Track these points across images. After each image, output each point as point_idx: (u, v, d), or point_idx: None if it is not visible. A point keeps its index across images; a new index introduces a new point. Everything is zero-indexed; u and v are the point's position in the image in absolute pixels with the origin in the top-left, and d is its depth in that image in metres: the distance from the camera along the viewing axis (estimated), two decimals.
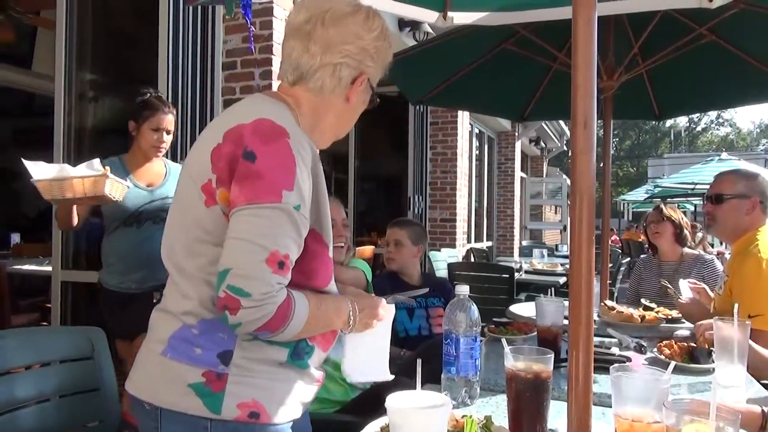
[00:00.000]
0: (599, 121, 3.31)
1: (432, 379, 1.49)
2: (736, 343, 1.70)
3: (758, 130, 63.02)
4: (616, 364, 1.10)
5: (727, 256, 4.36)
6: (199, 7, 3.58)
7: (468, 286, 1.48)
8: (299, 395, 1.23)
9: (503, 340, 1.29)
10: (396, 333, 2.73)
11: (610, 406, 1.14)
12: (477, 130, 9.23)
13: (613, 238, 16.83)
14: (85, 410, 1.57)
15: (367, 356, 1.38)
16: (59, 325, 3.41)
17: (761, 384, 1.27)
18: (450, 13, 2.49)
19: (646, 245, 3.76)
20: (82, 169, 2.36)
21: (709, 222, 2.55)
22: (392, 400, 0.96)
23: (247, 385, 1.15)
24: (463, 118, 7.14)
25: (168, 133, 2.70)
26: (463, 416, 1.13)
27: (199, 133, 3.63)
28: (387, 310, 1.36)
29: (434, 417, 0.94)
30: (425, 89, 3.76)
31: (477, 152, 9.52)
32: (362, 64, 1.28)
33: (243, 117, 1.16)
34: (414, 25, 5.54)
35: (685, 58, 3.02)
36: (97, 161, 2.41)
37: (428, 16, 2.50)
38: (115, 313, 2.69)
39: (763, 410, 1.25)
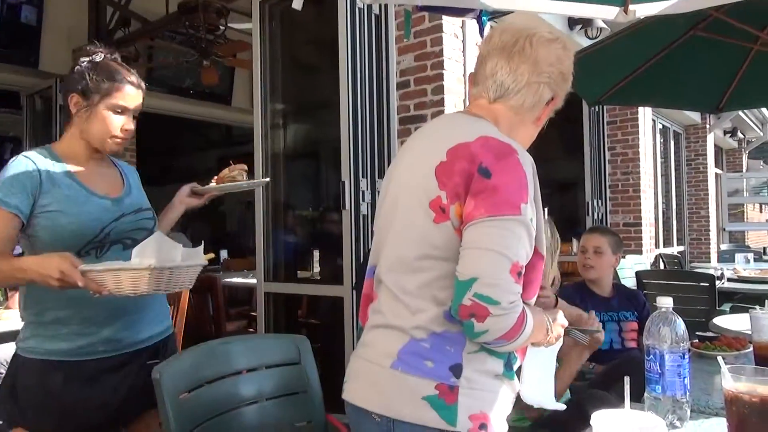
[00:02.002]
0: None
1: (632, 397, 1.41)
2: None
3: None
4: None
5: None
6: (374, 29, 3.79)
7: (671, 298, 1.38)
8: (509, 406, 1.28)
9: (719, 359, 1.18)
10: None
11: None
12: (660, 126, 8.49)
13: None
14: (294, 411, 1.72)
15: (543, 375, 1.37)
16: (266, 333, 3.79)
17: None
18: (632, 6, 2.32)
19: None
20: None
21: None
22: (599, 419, 0.92)
23: (475, 397, 1.20)
24: (645, 114, 6.62)
25: (136, 118, 1.77)
26: None
27: (379, 150, 3.79)
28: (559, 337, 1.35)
29: None
30: (603, 88, 3.57)
31: (662, 149, 8.73)
32: (558, 87, 1.35)
33: (462, 136, 1.24)
34: (585, 22, 5.28)
35: None
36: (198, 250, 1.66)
37: (608, 13, 2.37)
38: (70, 399, 1.60)
39: None
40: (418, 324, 1.22)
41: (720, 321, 2.66)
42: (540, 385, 1.42)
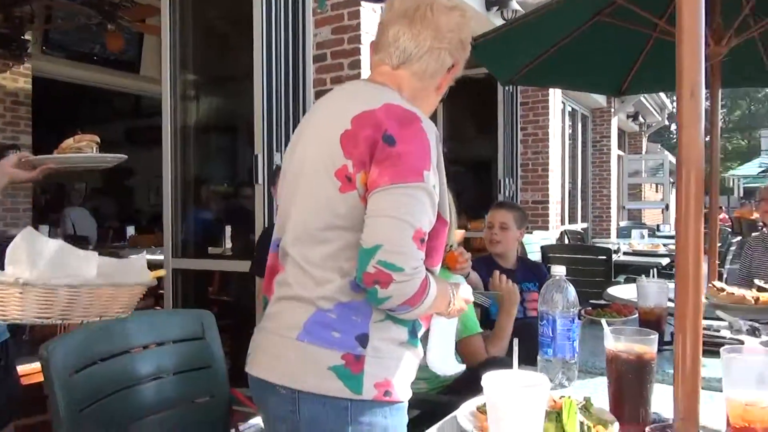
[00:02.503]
0: (706, 91, 3.10)
1: (526, 361, 1.48)
2: None
3: None
4: (727, 346, 1.04)
5: None
6: (290, 2, 3.69)
7: (564, 267, 1.45)
8: (413, 373, 1.30)
9: (603, 321, 1.26)
10: (488, 316, 2.71)
11: (719, 391, 1.09)
12: (570, 108, 8.89)
13: (722, 216, 15.68)
14: (197, 386, 1.69)
15: (445, 343, 1.42)
16: (173, 309, 3.67)
17: None
18: None
19: (760, 224, 3.48)
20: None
21: None
22: (489, 380, 0.96)
23: (381, 365, 1.22)
24: (555, 96, 6.90)
25: None
26: (561, 397, 1.12)
27: (294, 124, 3.76)
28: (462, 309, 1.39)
29: (532, 397, 0.93)
30: (515, 69, 3.66)
31: (570, 131, 9.16)
32: (458, 54, 1.37)
33: (367, 103, 1.23)
34: (502, 3, 5.40)
35: None
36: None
37: None
38: None
39: None
40: (324, 294, 1.22)
41: (613, 290, 2.85)
42: (442, 352, 1.46)
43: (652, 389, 1.17)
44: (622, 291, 2.84)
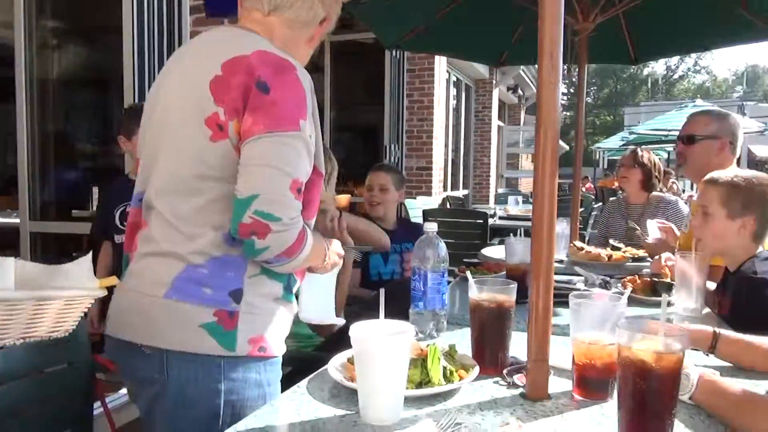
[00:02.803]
0: (574, 66, 3.30)
1: (401, 317, 1.53)
2: (695, 275, 1.77)
3: (734, 78, 63.43)
4: (575, 293, 1.13)
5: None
6: None
7: (436, 224, 1.50)
8: (287, 328, 1.30)
9: (468, 273, 1.32)
10: (370, 277, 2.77)
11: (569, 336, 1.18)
12: (454, 78, 9.14)
13: (587, 185, 17.02)
14: (52, 354, 1.56)
15: (322, 297, 1.43)
16: None
17: None
18: None
19: (620, 192, 3.79)
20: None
21: (680, 162, 2.59)
22: (356, 329, 0.98)
23: (255, 321, 1.19)
24: (440, 65, 7.05)
25: None
26: (428, 345, 1.16)
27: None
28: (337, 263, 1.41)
29: (396, 344, 0.96)
30: (400, 33, 3.68)
31: (454, 100, 9.44)
32: (330, 8, 1.34)
33: (238, 49, 1.17)
34: None
35: None
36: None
37: None
38: None
39: (714, 331, 1.31)
40: (196, 249, 1.17)
41: (486, 251, 3.01)
42: (320, 305, 1.48)
43: (511, 335, 1.25)
44: (494, 251, 3.00)
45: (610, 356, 1.04)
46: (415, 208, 5.46)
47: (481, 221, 4.42)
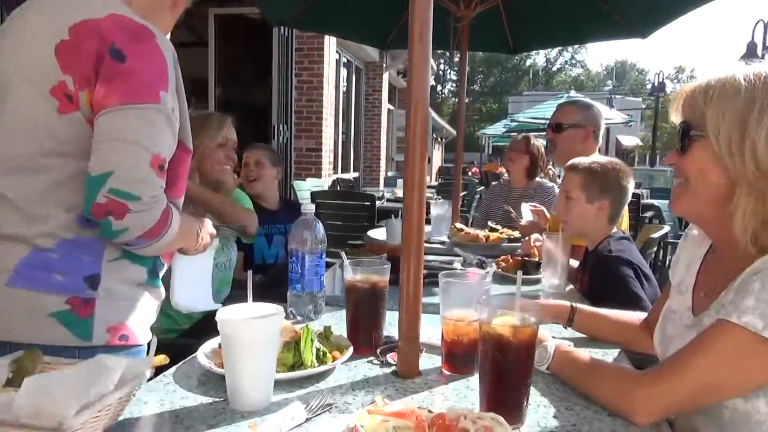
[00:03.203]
0: (456, 52, 3.40)
1: (284, 300, 1.50)
2: (560, 255, 1.90)
3: (605, 72, 68.78)
4: (444, 272, 1.17)
5: None
6: None
7: (313, 205, 1.48)
8: (153, 315, 1.23)
9: (342, 253, 1.32)
10: (253, 260, 2.70)
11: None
12: (345, 59, 9.10)
13: (473, 169, 17.76)
14: None
15: (196, 282, 1.37)
16: None
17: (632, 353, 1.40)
18: None
19: (503, 176, 3.95)
20: None
21: (550, 149, 2.77)
22: (222, 313, 0.94)
23: (115, 308, 1.12)
24: (330, 45, 6.99)
25: None
26: (305, 327, 1.15)
27: None
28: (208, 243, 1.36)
29: (263, 327, 0.94)
30: (286, 9, 3.58)
31: (345, 82, 9.42)
32: None
33: (88, 11, 1.07)
34: None
35: None
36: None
37: None
38: None
39: (571, 305, 1.41)
40: (43, 231, 1.07)
41: (372, 233, 3.04)
42: (193, 290, 1.41)
43: (385, 315, 1.27)
44: (380, 233, 3.04)
45: (475, 332, 1.09)
46: (304, 189, 5.40)
47: (369, 203, 4.46)
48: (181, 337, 1.90)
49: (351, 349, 1.17)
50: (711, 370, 0.93)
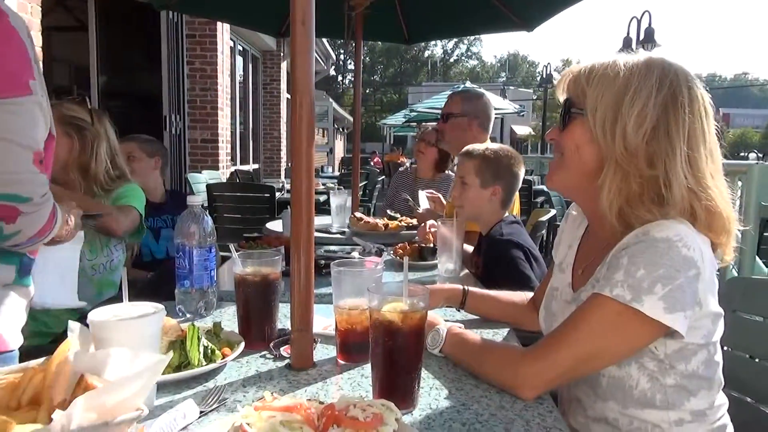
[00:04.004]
0: (351, 42, 3.38)
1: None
2: (454, 240, 1.94)
3: (499, 64, 71.73)
4: (336, 261, 1.15)
5: None
6: None
7: (200, 197, 1.42)
8: (24, 316, 1.15)
9: (231, 247, 1.27)
10: (141, 257, 2.56)
11: None
12: (240, 47, 8.82)
13: (375, 159, 17.92)
14: None
15: (60, 277, 1.28)
16: None
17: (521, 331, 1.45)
18: None
19: (407, 165, 3.97)
20: None
21: (439, 137, 2.83)
22: (94, 314, 0.87)
23: None
24: (223, 32, 6.73)
25: None
26: (191, 325, 1.09)
27: None
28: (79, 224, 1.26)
29: (139, 327, 0.88)
30: None
31: (241, 71, 9.14)
32: None
33: None
34: None
35: None
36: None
37: None
38: None
39: (464, 288, 1.45)
40: None
41: (271, 225, 2.97)
42: (57, 286, 1.31)
43: (278, 307, 1.24)
44: (278, 225, 2.98)
45: (368, 320, 1.08)
46: (200, 182, 5.19)
47: (269, 195, 4.36)
48: (54, 342, 1.75)
49: (242, 345, 1.13)
50: (587, 342, 0.99)
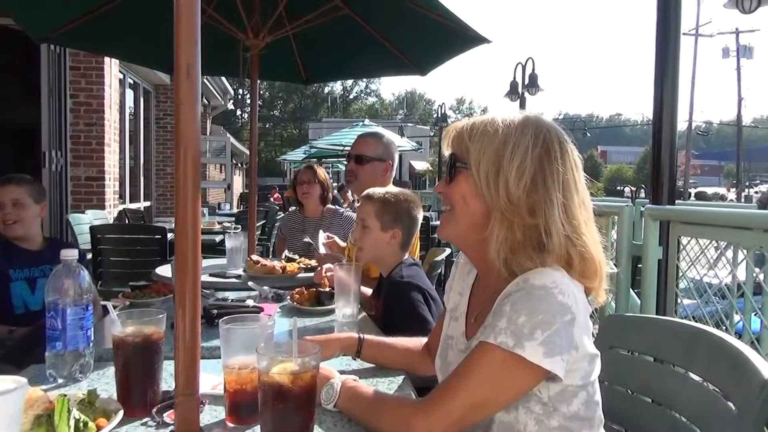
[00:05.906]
0: (247, 80, 3.35)
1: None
2: (352, 283, 1.94)
3: (397, 102, 73.97)
4: (225, 318, 1.10)
5: None
6: None
7: (76, 250, 1.31)
8: None
9: (109, 305, 1.18)
10: (13, 309, 2.33)
11: None
12: (131, 81, 8.45)
13: (275, 195, 17.69)
14: None
15: None
16: None
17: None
18: None
19: (295, 207, 3.92)
20: None
21: (349, 178, 2.83)
22: None
23: None
24: (112, 65, 6.42)
25: None
26: (60, 395, 1.00)
27: None
28: None
29: None
30: (54, 24, 3.20)
31: (132, 105, 8.74)
32: None
33: None
34: None
35: (329, 26, 3.22)
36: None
37: None
38: None
39: (359, 336, 1.44)
40: None
41: (159, 269, 2.81)
42: None
43: (161, 368, 1.16)
44: (169, 270, 2.83)
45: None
46: (83, 223, 4.84)
47: (160, 236, 4.13)
48: None
49: (120, 413, 1.04)
50: (476, 391, 1.01)
